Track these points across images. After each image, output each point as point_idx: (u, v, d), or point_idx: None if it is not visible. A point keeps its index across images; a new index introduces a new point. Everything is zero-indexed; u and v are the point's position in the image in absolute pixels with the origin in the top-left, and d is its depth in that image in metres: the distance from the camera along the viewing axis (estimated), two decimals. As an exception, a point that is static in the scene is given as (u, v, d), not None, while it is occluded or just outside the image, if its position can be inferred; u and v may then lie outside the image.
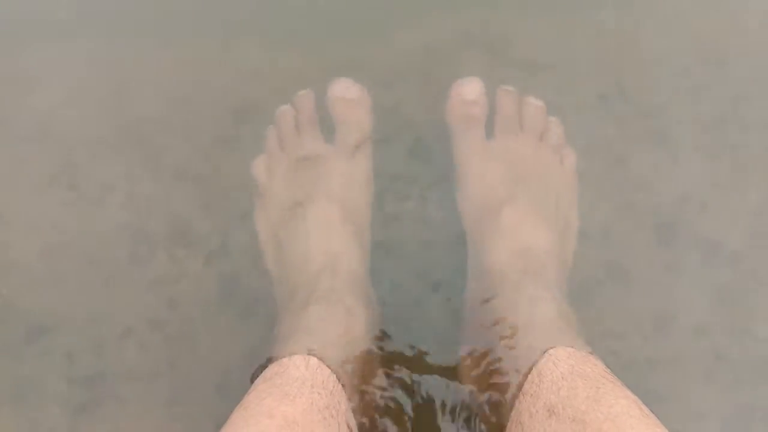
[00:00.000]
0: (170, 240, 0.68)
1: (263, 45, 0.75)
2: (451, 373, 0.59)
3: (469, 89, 0.63)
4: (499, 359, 0.52)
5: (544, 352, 0.47)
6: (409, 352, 0.61)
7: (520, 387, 0.47)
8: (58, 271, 0.68)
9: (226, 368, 0.64)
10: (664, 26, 0.77)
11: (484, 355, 0.55)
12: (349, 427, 0.45)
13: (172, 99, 0.74)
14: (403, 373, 0.60)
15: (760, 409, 0.63)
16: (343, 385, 0.47)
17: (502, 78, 0.67)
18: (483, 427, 0.56)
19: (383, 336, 0.60)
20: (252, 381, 0.48)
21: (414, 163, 0.70)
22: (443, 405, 0.59)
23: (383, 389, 0.57)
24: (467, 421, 0.58)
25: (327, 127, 0.65)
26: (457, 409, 0.58)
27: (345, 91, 0.63)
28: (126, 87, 0.75)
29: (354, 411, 0.48)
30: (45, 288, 0.67)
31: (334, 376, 0.46)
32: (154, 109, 0.74)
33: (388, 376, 0.59)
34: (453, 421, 0.58)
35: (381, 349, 0.59)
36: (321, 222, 0.60)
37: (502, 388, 0.51)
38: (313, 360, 0.46)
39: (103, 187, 0.71)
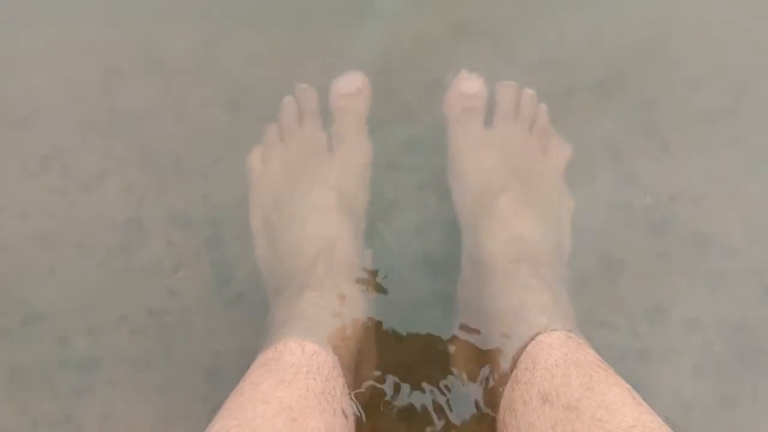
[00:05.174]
0: (165, 227, 0.68)
1: (259, 32, 0.75)
2: (444, 358, 0.60)
3: (470, 85, 0.64)
4: (492, 346, 0.53)
5: (537, 340, 0.48)
6: (403, 339, 0.62)
7: (513, 374, 0.48)
8: (51, 257, 0.68)
9: (220, 354, 0.64)
10: (661, 19, 0.77)
11: (477, 341, 0.56)
12: (344, 413, 0.45)
13: (166, 85, 0.74)
14: (396, 359, 0.60)
15: (747, 399, 0.64)
16: (338, 371, 0.47)
17: (498, 69, 0.68)
18: (476, 412, 0.57)
19: (377, 322, 0.60)
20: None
21: (410, 152, 0.70)
22: (436, 391, 0.59)
23: (377, 375, 0.57)
24: (460, 406, 0.58)
25: (326, 118, 0.65)
26: (450, 395, 0.58)
27: (347, 83, 0.64)
28: (119, 72, 0.74)
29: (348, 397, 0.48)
30: (39, 274, 0.67)
31: (330, 362, 0.46)
32: (148, 95, 0.73)
33: (382, 361, 0.59)
34: (446, 407, 0.58)
35: (375, 334, 0.59)
36: (317, 208, 0.60)
37: (494, 375, 0.51)
38: (309, 346, 0.46)
39: (96, 173, 0.71)
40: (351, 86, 0.64)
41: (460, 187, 0.64)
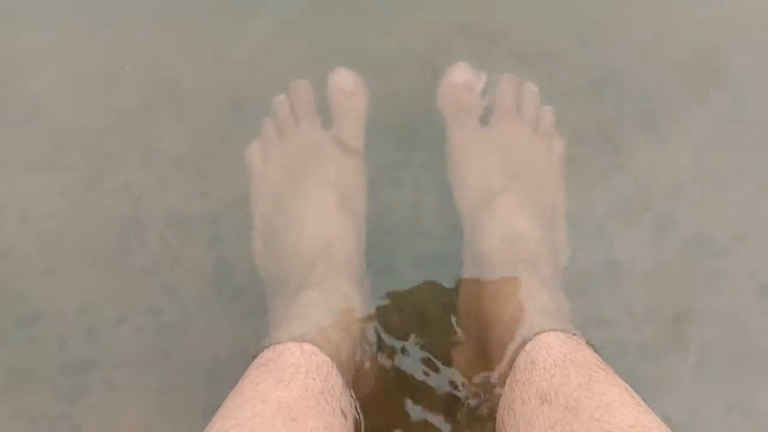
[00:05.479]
0: (164, 227, 0.68)
1: (261, 32, 0.75)
2: (443, 358, 0.60)
3: (460, 75, 0.64)
4: (492, 345, 0.53)
5: (536, 340, 0.48)
6: (402, 337, 0.62)
7: (512, 373, 0.48)
8: (51, 257, 0.68)
9: (219, 355, 0.64)
10: (662, 18, 0.77)
11: (477, 341, 0.56)
12: (343, 412, 0.45)
13: (166, 84, 0.74)
14: (395, 358, 0.60)
15: (747, 399, 0.64)
16: (337, 371, 0.47)
17: (498, 66, 0.68)
18: (475, 412, 0.57)
19: (377, 322, 0.60)
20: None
21: (409, 150, 0.70)
22: (436, 390, 0.59)
23: (377, 375, 0.57)
24: (459, 406, 0.58)
25: (325, 116, 0.65)
26: (449, 395, 0.58)
27: (343, 81, 0.64)
28: (119, 72, 0.74)
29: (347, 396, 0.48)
30: (38, 274, 0.67)
31: (329, 361, 0.46)
32: (148, 94, 0.73)
33: (381, 361, 0.60)
34: (445, 406, 0.58)
35: (375, 335, 0.59)
36: (317, 208, 0.60)
37: (494, 374, 0.51)
38: (308, 346, 0.46)
39: (96, 172, 0.71)
40: (346, 83, 0.64)
41: (460, 185, 0.64)
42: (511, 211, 0.60)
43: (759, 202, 0.70)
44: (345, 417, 0.45)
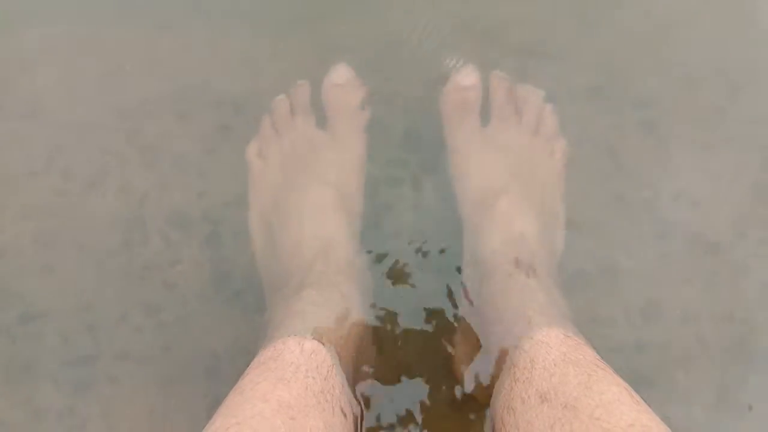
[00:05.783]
0: (164, 225, 0.68)
1: (260, 31, 0.75)
2: (442, 357, 0.60)
3: (467, 79, 0.64)
4: (491, 344, 0.53)
5: (536, 339, 0.48)
6: (401, 338, 0.62)
7: (511, 372, 0.48)
8: (51, 255, 0.68)
9: (219, 351, 0.65)
10: (659, 18, 0.77)
11: (477, 340, 0.56)
12: (343, 411, 0.45)
13: (167, 84, 0.74)
14: (394, 358, 0.60)
15: (743, 394, 0.64)
16: (337, 370, 0.47)
17: (497, 66, 0.68)
18: (474, 412, 0.57)
19: (376, 320, 0.61)
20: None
21: (408, 149, 0.70)
22: (435, 389, 0.59)
23: (376, 374, 0.57)
24: (459, 405, 0.58)
25: (323, 114, 0.65)
26: (449, 394, 0.59)
27: (340, 78, 0.64)
28: (120, 72, 0.75)
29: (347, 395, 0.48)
30: (39, 272, 0.67)
31: (329, 360, 0.46)
32: (148, 94, 0.74)
33: (380, 360, 0.60)
34: (444, 405, 0.58)
35: (374, 333, 0.59)
36: (315, 207, 0.61)
37: (493, 374, 0.51)
38: (308, 345, 0.46)
39: (95, 171, 0.71)
40: (339, 78, 0.64)
41: (460, 186, 0.64)
42: (512, 211, 0.60)
43: (758, 201, 0.70)
44: (345, 416, 0.45)
